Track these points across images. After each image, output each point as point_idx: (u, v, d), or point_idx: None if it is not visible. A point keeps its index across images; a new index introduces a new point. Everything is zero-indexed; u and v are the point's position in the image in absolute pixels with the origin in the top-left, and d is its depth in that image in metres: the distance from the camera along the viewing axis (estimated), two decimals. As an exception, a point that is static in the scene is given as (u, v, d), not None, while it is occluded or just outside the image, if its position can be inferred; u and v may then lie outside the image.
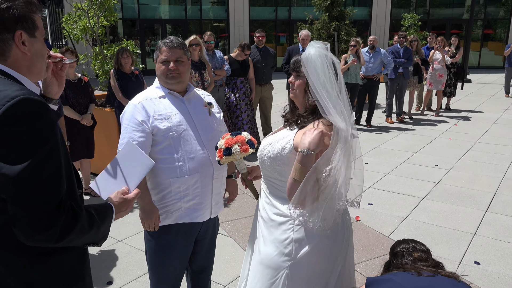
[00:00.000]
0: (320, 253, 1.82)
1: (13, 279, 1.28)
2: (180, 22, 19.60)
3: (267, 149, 1.89)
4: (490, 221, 4.19)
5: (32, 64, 1.36)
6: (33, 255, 1.29)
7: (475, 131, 7.96)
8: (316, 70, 1.74)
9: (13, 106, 1.18)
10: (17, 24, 1.29)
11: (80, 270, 1.43)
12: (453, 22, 21.68)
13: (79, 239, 1.30)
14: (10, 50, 1.30)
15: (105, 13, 5.26)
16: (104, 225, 1.39)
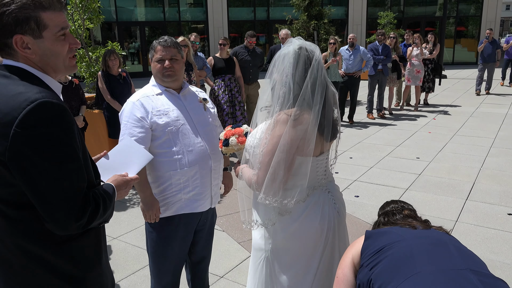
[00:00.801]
0: (298, 240, 1.90)
1: (41, 269, 1.36)
2: (158, 24, 19.54)
3: (250, 140, 1.98)
4: (470, 209, 4.39)
5: (45, 63, 1.37)
6: (54, 243, 1.37)
7: (453, 124, 8.23)
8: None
9: (33, 110, 1.23)
10: (16, 28, 1.29)
11: (97, 250, 1.51)
12: (427, 20, 22.23)
13: (98, 222, 1.39)
14: (17, 52, 1.33)
15: (89, 15, 5.27)
16: (111, 206, 1.48)
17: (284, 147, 1.78)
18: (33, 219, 1.32)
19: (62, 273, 1.39)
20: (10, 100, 1.25)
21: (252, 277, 2.07)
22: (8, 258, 1.35)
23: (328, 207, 1.94)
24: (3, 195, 1.30)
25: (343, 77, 8.22)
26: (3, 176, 1.27)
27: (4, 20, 1.27)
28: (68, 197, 1.29)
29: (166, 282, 2.54)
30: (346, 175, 5.48)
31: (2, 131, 1.23)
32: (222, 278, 3.26)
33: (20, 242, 1.34)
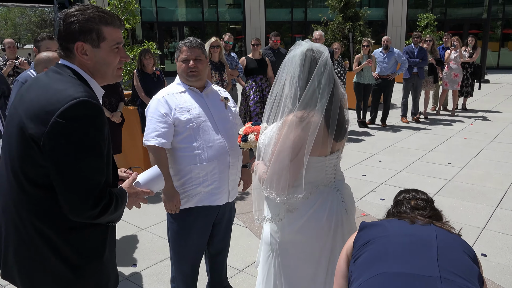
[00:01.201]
0: (304, 235, 1.96)
1: (46, 247, 1.51)
2: (197, 25, 19.94)
3: (262, 139, 2.06)
4: (499, 217, 4.28)
5: (96, 69, 1.58)
6: (66, 229, 1.51)
7: (490, 130, 7.98)
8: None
9: (74, 105, 1.41)
10: (79, 36, 1.51)
11: (101, 248, 1.63)
12: (471, 22, 21.49)
13: (107, 218, 1.52)
14: (75, 56, 1.55)
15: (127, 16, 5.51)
16: (122, 207, 1.60)
17: (291, 147, 1.84)
18: (50, 201, 1.47)
19: (64, 257, 1.52)
20: (57, 93, 1.44)
21: (262, 268, 2.16)
22: (22, 232, 1.51)
23: (336, 205, 1.99)
24: (30, 173, 1.46)
25: (376, 80, 8.14)
26: (35, 156, 1.43)
27: (71, 28, 1.50)
28: (87, 187, 1.44)
29: (186, 270, 2.66)
30: (373, 178, 5.46)
31: (44, 117, 1.41)
32: (242, 272, 3.35)
33: (34, 219, 1.49)
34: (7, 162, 1.53)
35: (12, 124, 1.52)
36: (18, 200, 1.50)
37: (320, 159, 1.91)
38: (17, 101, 1.57)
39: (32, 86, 1.56)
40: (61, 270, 1.53)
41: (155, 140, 2.38)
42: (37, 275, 1.54)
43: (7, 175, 1.53)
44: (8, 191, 1.53)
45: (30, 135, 1.43)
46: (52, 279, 1.54)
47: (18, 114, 1.50)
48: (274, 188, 1.89)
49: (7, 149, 1.54)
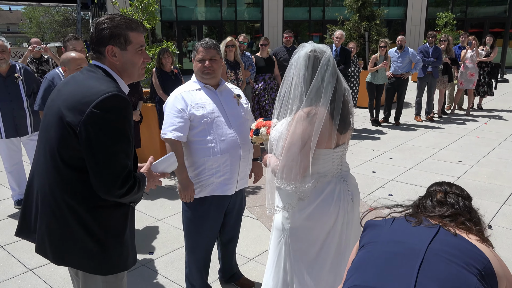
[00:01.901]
0: (313, 221, 2.13)
1: (76, 223, 1.74)
2: (216, 24, 20.21)
3: (273, 133, 2.25)
4: (506, 213, 4.38)
5: (123, 69, 1.83)
6: (95, 206, 1.75)
7: (505, 129, 8.00)
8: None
9: (108, 98, 1.65)
10: (110, 41, 1.76)
11: (124, 225, 1.86)
12: (492, 20, 21.21)
13: (130, 198, 1.76)
14: (105, 58, 1.80)
15: (148, 17, 5.77)
16: (143, 189, 1.83)
17: (299, 140, 2.02)
18: (82, 182, 1.71)
19: (92, 232, 1.75)
20: (92, 88, 1.69)
21: (273, 253, 2.33)
22: (55, 209, 1.75)
23: (343, 194, 2.16)
24: (65, 156, 1.71)
25: (389, 79, 8.23)
26: (71, 140, 1.68)
27: (103, 34, 1.75)
28: (117, 169, 1.67)
29: (199, 256, 2.87)
30: (383, 174, 5.59)
31: (80, 108, 1.65)
32: (252, 261, 3.56)
33: (67, 198, 1.73)
34: (46, 148, 1.77)
35: (51, 114, 1.76)
36: (53, 181, 1.74)
37: (327, 152, 2.08)
38: (54, 95, 1.83)
39: (70, 82, 1.81)
40: (89, 244, 1.75)
41: (172, 134, 2.60)
42: (67, 248, 1.77)
43: (45, 159, 1.77)
44: (44, 173, 1.77)
45: (68, 123, 1.66)
46: (80, 252, 1.77)
47: (57, 106, 1.74)
48: (285, 179, 2.08)
49: (45, 136, 1.78)
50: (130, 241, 1.91)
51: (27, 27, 50.05)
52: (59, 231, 1.76)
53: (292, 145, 2.04)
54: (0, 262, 3.57)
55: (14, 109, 4.39)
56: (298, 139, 2.02)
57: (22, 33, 52.98)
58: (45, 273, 3.38)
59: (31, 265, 3.51)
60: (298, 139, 2.02)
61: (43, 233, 1.79)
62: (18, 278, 3.33)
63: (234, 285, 3.18)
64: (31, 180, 1.88)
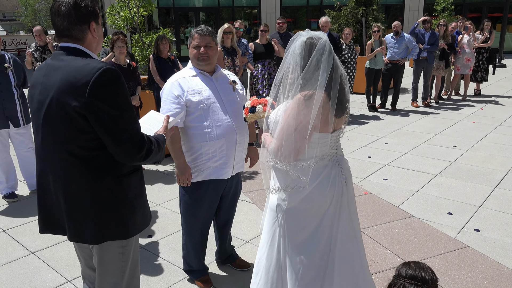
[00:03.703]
0: (310, 203, 2.20)
1: (107, 194, 1.85)
2: (213, 10, 20.07)
3: (272, 116, 2.30)
4: (497, 196, 4.47)
5: (98, 44, 1.92)
6: (118, 176, 1.87)
7: (500, 115, 8.07)
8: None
9: (101, 74, 1.72)
10: (90, 17, 1.83)
11: (142, 185, 2.02)
12: (490, 5, 21.10)
13: (153, 158, 1.89)
14: (86, 36, 1.85)
15: (144, 3, 5.77)
16: (163, 148, 1.98)
17: (295, 120, 2.07)
18: (101, 159, 1.82)
19: (121, 199, 1.88)
20: (81, 69, 1.74)
21: (267, 233, 2.40)
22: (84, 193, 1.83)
23: (337, 177, 2.23)
24: (78, 140, 1.78)
25: (386, 65, 8.27)
26: (80, 124, 1.75)
27: (86, 10, 1.80)
28: (132, 134, 1.79)
29: (196, 238, 2.96)
30: (378, 159, 5.68)
31: (79, 91, 1.71)
32: (248, 243, 3.65)
33: (91, 178, 1.82)
34: (55, 140, 1.81)
35: (47, 109, 1.79)
36: (72, 168, 1.81)
37: (325, 135, 2.14)
38: (39, 89, 1.83)
39: (49, 72, 1.82)
40: (122, 209, 1.89)
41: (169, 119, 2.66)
42: (106, 224, 1.87)
43: (56, 153, 1.82)
44: (59, 166, 1.83)
45: (74, 109, 1.72)
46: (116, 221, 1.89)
47: (51, 97, 1.76)
48: (279, 157, 2.15)
49: (46, 133, 1.83)
50: (147, 202, 2.09)
51: (23, 14, 49.55)
52: (94, 211, 1.84)
53: (287, 126, 2.09)
54: (3, 246, 3.67)
55: (4, 100, 4.32)
56: (293, 120, 2.08)
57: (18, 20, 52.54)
58: (47, 256, 3.47)
59: (33, 248, 3.60)
60: (293, 120, 2.08)
61: (76, 220, 1.86)
62: (20, 260, 3.43)
63: (231, 266, 3.28)
64: (41, 179, 1.92)
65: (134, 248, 2.06)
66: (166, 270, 3.28)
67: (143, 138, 1.83)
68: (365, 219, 3.98)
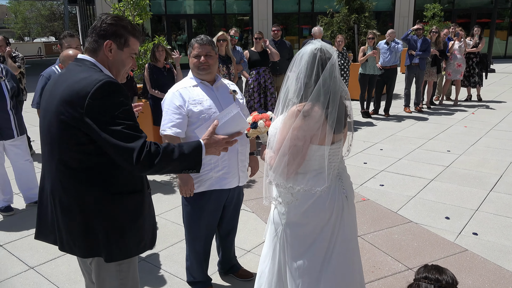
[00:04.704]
0: (309, 217, 2.19)
1: (95, 210, 1.82)
2: (205, 17, 20.14)
3: (271, 129, 2.30)
4: (493, 199, 4.53)
5: (113, 66, 1.92)
6: (110, 193, 1.83)
7: (491, 119, 8.18)
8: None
9: (101, 86, 1.72)
10: (111, 36, 1.87)
11: (140, 210, 1.94)
12: (479, 11, 21.43)
13: (170, 165, 1.80)
14: (100, 50, 1.88)
15: (139, 11, 5.78)
16: (192, 154, 1.85)
17: (294, 136, 2.05)
18: (95, 173, 1.79)
19: (110, 218, 1.83)
20: (83, 80, 1.75)
21: (268, 246, 2.40)
22: (72, 204, 1.82)
23: (337, 192, 2.21)
24: (72, 152, 1.77)
25: (380, 70, 8.35)
26: (75, 135, 1.74)
27: (108, 28, 1.87)
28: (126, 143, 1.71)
29: (199, 248, 2.96)
30: (374, 165, 5.72)
31: (78, 102, 1.71)
32: (249, 252, 3.65)
33: (82, 191, 1.80)
34: (53, 148, 1.83)
35: (49, 116, 1.82)
36: (66, 179, 1.81)
37: (320, 148, 2.10)
38: (47, 96, 1.88)
39: (58, 81, 1.87)
40: (111, 231, 1.84)
41: (171, 130, 2.67)
42: (92, 240, 1.84)
43: (53, 159, 1.84)
44: (55, 173, 1.84)
45: (71, 119, 1.73)
46: (104, 241, 1.84)
47: (53, 106, 1.79)
48: (279, 173, 2.13)
49: (48, 139, 1.84)
50: (147, 225, 1.99)
51: (12, 22, 49.26)
52: (81, 224, 1.83)
53: (281, 141, 2.08)
54: (1, 261, 3.62)
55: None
56: (292, 135, 2.05)
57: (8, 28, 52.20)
58: (47, 271, 3.44)
59: (32, 263, 3.57)
60: (292, 135, 2.05)
61: (66, 231, 1.86)
62: (20, 276, 3.39)
63: (234, 276, 3.28)
64: (42, 183, 1.95)
65: (133, 269, 2.03)
66: (169, 282, 3.26)
67: (143, 146, 1.73)
68: (364, 225, 4.00)
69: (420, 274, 1.71)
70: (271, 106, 6.89)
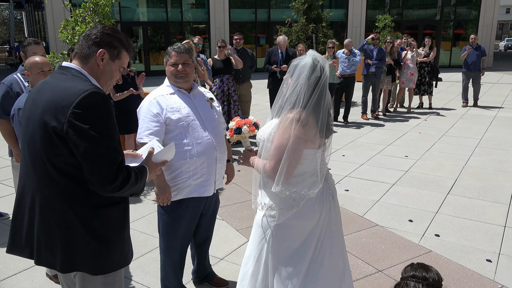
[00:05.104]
0: (299, 219, 2.26)
1: (78, 223, 1.76)
2: (161, 25, 19.91)
3: (261, 134, 2.36)
4: (450, 202, 4.78)
5: (101, 75, 1.88)
6: (94, 206, 1.78)
7: (443, 125, 8.63)
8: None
9: (87, 96, 1.68)
10: (105, 46, 1.85)
11: (123, 221, 1.91)
12: (426, 23, 22.62)
13: (129, 190, 1.79)
14: (92, 58, 1.85)
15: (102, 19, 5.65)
16: (143, 180, 1.88)
17: (290, 142, 2.12)
18: (77, 184, 1.74)
19: (94, 231, 1.79)
20: (68, 90, 1.70)
21: (252, 250, 2.40)
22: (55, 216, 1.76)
23: (325, 193, 2.30)
24: (57, 163, 1.72)
25: (339, 78, 8.61)
26: (57, 145, 1.69)
27: (104, 38, 1.85)
28: (108, 163, 1.69)
29: (175, 258, 2.92)
30: (338, 171, 5.87)
31: (61, 111, 1.66)
32: (222, 260, 3.64)
33: (65, 203, 1.74)
34: (35, 159, 1.76)
35: (33, 125, 1.76)
36: (49, 190, 1.74)
37: (312, 151, 2.20)
38: (30, 104, 1.83)
39: (42, 89, 1.81)
40: (93, 244, 1.78)
41: (148, 138, 2.62)
42: (73, 253, 1.78)
43: (35, 170, 1.77)
44: (37, 184, 1.77)
45: (52, 129, 1.67)
46: (86, 254, 1.79)
47: (37, 114, 1.74)
48: (275, 178, 2.16)
49: (31, 148, 1.78)
50: (129, 238, 1.97)
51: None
52: (63, 238, 1.76)
53: (281, 146, 2.14)
54: (-42, 277, 3.40)
55: None
56: (288, 141, 2.12)
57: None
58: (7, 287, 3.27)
59: (-7, 278, 3.37)
60: (288, 141, 2.12)
61: (45, 244, 1.78)
62: (-19, 292, 3.20)
63: (209, 285, 3.26)
64: (21, 195, 1.87)
65: (119, 280, 1.99)
66: (142, 292, 3.19)
67: (120, 168, 1.72)
68: (334, 230, 4.10)
69: (408, 273, 1.77)
70: (234, 113, 6.93)
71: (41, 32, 22.63)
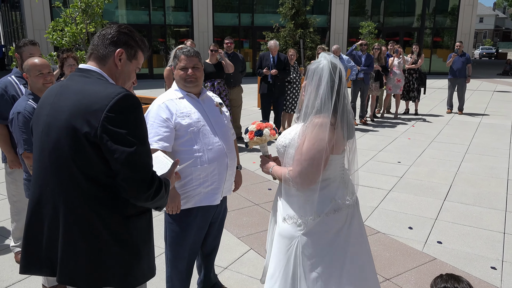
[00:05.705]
0: (325, 225, 2.19)
1: (107, 234, 1.65)
2: (143, 27, 19.66)
3: (281, 139, 2.28)
4: (448, 208, 4.79)
5: (120, 76, 1.80)
6: (124, 216, 1.68)
7: (430, 131, 8.72)
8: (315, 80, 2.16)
9: (120, 99, 1.58)
10: (123, 45, 1.77)
11: (149, 232, 1.82)
12: (405, 30, 23.03)
13: (159, 201, 1.70)
14: (109, 58, 1.74)
15: (93, 19, 5.49)
16: (167, 193, 1.79)
17: (320, 146, 2.05)
18: (107, 193, 1.63)
19: (124, 242, 1.68)
20: (98, 93, 1.60)
21: (278, 262, 2.29)
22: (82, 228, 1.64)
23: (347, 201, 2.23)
24: (86, 170, 1.61)
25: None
26: (89, 153, 1.58)
27: (122, 37, 1.77)
28: (144, 170, 1.62)
29: (182, 268, 2.79)
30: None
31: (93, 116, 1.56)
32: (226, 269, 3.53)
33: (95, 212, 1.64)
34: (61, 169, 1.63)
35: (56, 131, 1.63)
36: (77, 200, 1.62)
37: (339, 157, 2.16)
38: (48, 110, 1.69)
39: (63, 93, 1.68)
40: (124, 256, 1.68)
41: (157, 144, 2.50)
42: (102, 267, 1.66)
43: (59, 181, 1.64)
44: (60, 194, 1.64)
45: (84, 135, 1.56)
46: (116, 267, 1.68)
47: (61, 120, 1.61)
48: (301, 184, 2.10)
49: (53, 158, 1.65)
50: (153, 247, 1.89)
51: None
52: (90, 250, 1.64)
53: (311, 150, 2.07)
54: None
55: None
56: (319, 145, 2.06)
57: None
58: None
59: (-16, 292, 3.18)
60: (319, 145, 2.06)
61: (69, 261, 1.65)
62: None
63: (214, 295, 3.14)
64: (35, 208, 1.72)
65: None
66: (146, 305, 3.05)
67: (154, 176, 1.66)
68: (337, 237, 4.04)
69: (438, 285, 1.74)
70: None
71: (18, 33, 22.03)
